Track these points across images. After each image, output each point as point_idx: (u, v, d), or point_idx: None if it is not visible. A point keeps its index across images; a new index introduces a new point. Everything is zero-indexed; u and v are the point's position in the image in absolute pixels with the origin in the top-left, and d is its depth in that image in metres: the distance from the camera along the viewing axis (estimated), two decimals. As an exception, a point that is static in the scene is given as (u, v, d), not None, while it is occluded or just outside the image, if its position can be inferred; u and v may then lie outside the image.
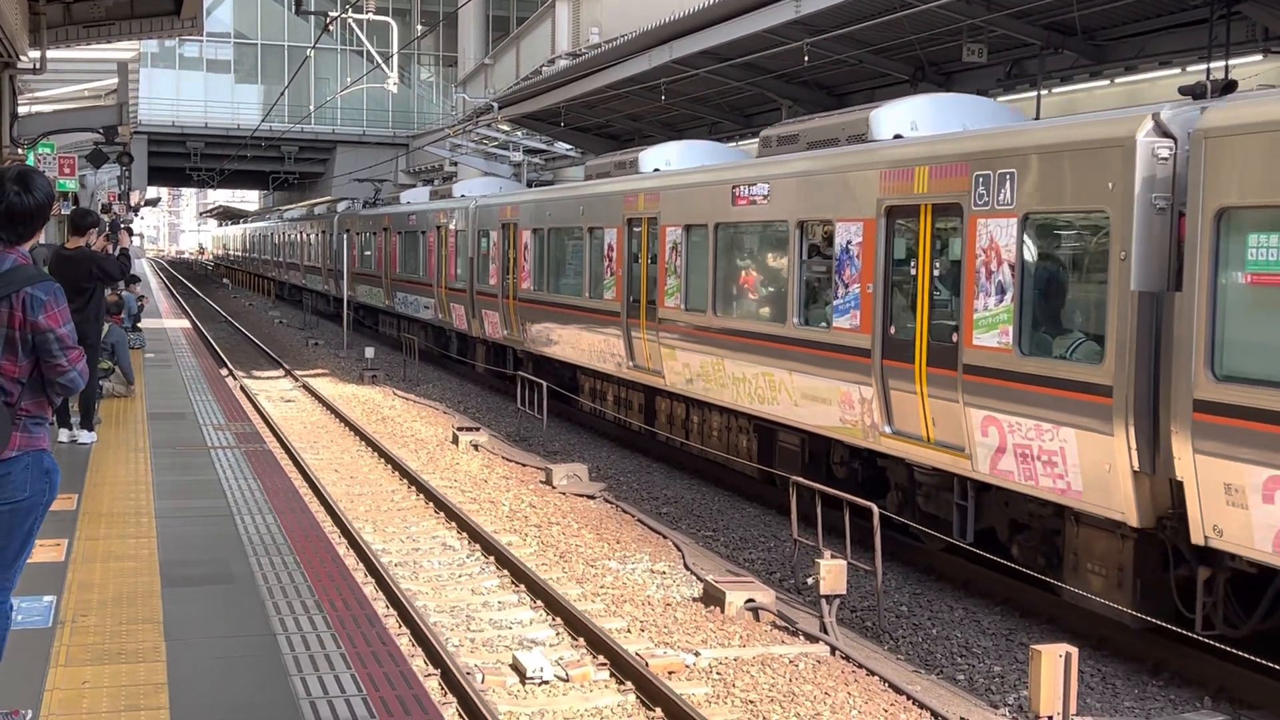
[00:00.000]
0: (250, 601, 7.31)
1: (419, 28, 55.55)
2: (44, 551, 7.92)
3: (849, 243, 11.85)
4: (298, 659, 6.33)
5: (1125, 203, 8.69)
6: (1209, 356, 8.05)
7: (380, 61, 36.18)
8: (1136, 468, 8.69)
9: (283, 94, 49.97)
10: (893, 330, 11.35)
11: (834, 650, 9.59)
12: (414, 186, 41.45)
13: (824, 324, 12.40)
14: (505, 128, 32.73)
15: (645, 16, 24.66)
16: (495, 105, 31.91)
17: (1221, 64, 12.44)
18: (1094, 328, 9.29)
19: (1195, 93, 9.14)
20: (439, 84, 61.91)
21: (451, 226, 26.67)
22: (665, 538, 13.20)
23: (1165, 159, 8.60)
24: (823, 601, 9.95)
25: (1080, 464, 9.15)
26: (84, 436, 12.33)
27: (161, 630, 6.70)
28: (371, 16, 37.62)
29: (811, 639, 9.83)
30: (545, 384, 19.40)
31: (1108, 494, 8.94)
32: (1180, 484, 8.35)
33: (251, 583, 7.70)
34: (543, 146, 31.37)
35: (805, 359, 12.66)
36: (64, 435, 12.12)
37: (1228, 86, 9.26)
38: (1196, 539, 8.27)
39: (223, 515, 9.56)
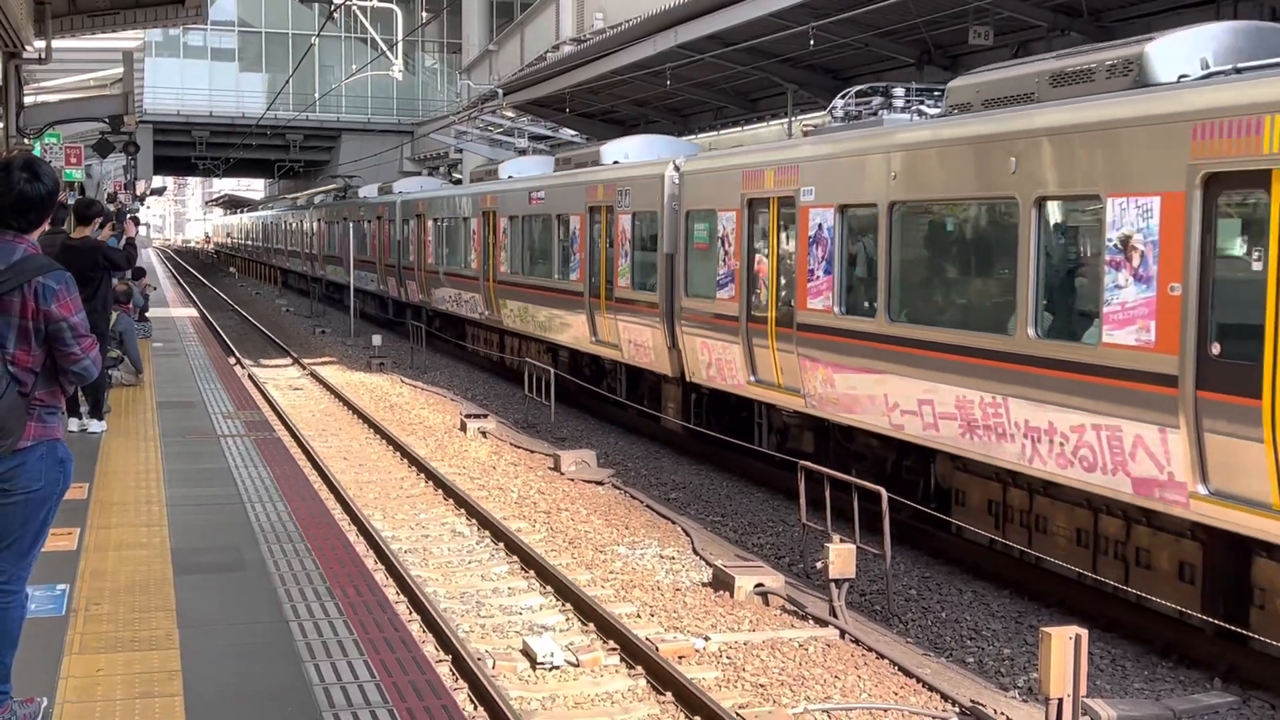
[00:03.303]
0: (262, 588, 7.34)
1: (423, 14, 55.40)
2: (56, 540, 7.93)
3: (575, 228, 19.43)
4: (310, 645, 6.35)
5: (660, 207, 16.41)
6: (685, 285, 15.74)
7: (385, 49, 36.17)
8: (669, 345, 16.28)
9: (287, 82, 49.85)
10: (593, 280, 18.65)
11: (843, 634, 9.61)
12: (418, 175, 42.32)
13: (569, 277, 19.67)
14: (510, 114, 32.70)
15: (650, 1, 24.61)
16: (500, 92, 31.91)
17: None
18: (655, 274, 16.68)
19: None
20: (443, 71, 61.80)
21: (387, 217, 33.98)
22: (674, 523, 13.22)
23: (678, 184, 16.04)
24: (832, 585, 9.97)
25: (653, 347, 16.80)
26: (94, 426, 12.37)
27: (174, 618, 6.73)
28: (375, 4, 37.60)
29: (821, 623, 9.85)
30: (553, 371, 19.64)
31: (661, 362, 16.66)
32: (681, 351, 15.88)
33: (263, 570, 7.73)
34: (548, 132, 31.34)
35: (562, 302, 20.04)
36: (74, 424, 12.15)
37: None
38: (689, 379, 15.95)
39: (233, 503, 9.60)
